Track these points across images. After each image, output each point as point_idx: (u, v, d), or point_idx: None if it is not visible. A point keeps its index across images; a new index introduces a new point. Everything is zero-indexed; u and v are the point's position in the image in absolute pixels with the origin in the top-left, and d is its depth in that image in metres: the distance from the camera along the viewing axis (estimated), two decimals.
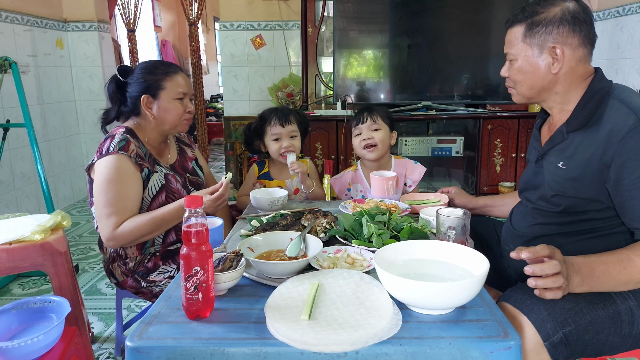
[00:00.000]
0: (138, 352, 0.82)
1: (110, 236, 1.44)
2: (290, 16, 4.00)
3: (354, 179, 1.92)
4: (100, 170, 1.45)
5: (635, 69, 3.10)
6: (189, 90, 1.60)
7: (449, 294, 0.86)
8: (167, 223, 1.49)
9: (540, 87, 1.20)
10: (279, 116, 1.82)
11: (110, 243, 1.46)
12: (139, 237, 1.46)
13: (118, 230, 1.43)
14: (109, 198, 1.43)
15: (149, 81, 1.54)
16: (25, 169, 3.42)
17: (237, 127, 4.05)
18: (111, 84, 1.59)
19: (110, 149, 1.46)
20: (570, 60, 1.15)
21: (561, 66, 1.15)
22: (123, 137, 1.49)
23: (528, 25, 1.17)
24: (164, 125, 1.58)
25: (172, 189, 1.58)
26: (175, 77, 1.56)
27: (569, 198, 1.17)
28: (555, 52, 1.14)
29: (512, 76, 1.25)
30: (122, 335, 1.80)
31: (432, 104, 3.49)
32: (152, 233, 1.49)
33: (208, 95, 7.77)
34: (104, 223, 1.44)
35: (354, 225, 1.29)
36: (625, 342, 1.07)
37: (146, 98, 1.53)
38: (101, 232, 1.46)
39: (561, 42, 1.14)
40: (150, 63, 1.59)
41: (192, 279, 0.88)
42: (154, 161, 1.57)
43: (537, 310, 1.01)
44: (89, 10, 3.98)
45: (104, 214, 1.44)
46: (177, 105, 1.56)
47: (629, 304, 1.06)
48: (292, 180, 1.89)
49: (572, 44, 1.14)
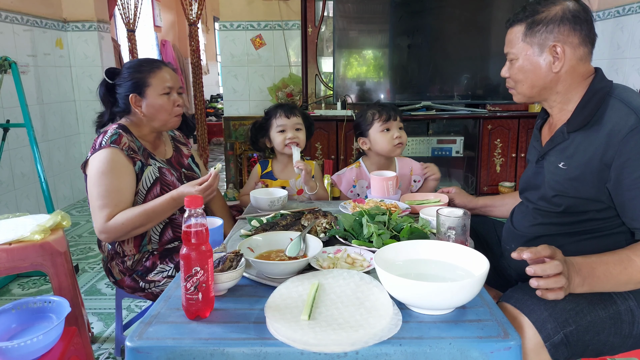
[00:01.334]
0: (138, 352, 0.82)
1: (102, 228, 1.45)
2: (290, 16, 4.00)
3: (359, 175, 1.92)
4: (93, 164, 1.47)
5: (635, 69, 3.10)
6: (175, 84, 1.61)
7: (449, 294, 0.86)
8: (158, 215, 1.49)
9: (541, 86, 1.20)
10: (284, 109, 1.86)
11: (102, 236, 1.47)
12: (130, 230, 1.47)
13: (110, 223, 1.44)
14: (101, 190, 1.44)
15: (135, 79, 1.55)
16: (25, 169, 3.42)
17: (237, 127, 4.04)
18: (101, 87, 1.61)
19: (103, 143, 1.48)
20: (571, 59, 1.15)
21: (562, 65, 1.15)
22: (115, 132, 1.51)
23: (529, 24, 1.17)
24: (154, 121, 1.59)
25: (167, 181, 1.58)
26: (160, 73, 1.58)
27: (569, 198, 1.17)
28: (556, 51, 1.14)
29: (513, 76, 1.25)
30: (122, 336, 1.80)
31: (432, 104, 3.49)
32: (144, 225, 1.49)
33: (208, 95, 7.77)
34: (97, 215, 1.45)
35: (354, 225, 1.29)
36: (626, 343, 1.07)
37: (134, 97, 1.55)
38: (94, 224, 1.47)
39: (562, 41, 1.14)
40: (135, 62, 1.62)
41: (192, 279, 0.88)
42: (148, 155, 1.58)
43: (538, 311, 1.01)
44: (88, 10, 3.98)
45: (96, 207, 1.45)
46: (164, 101, 1.57)
47: (629, 304, 1.06)
48: (296, 181, 1.90)
49: (573, 43, 1.14)
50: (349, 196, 1.90)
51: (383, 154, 1.86)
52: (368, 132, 1.85)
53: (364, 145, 1.89)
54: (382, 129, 1.82)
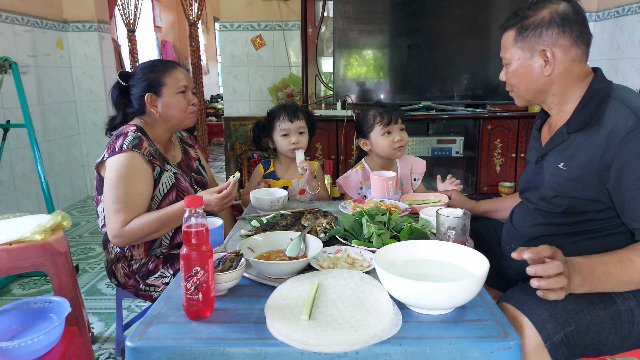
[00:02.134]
0: (138, 352, 0.82)
1: (117, 233, 1.44)
2: (290, 16, 4.00)
3: (364, 176, 1.90)
4: (111, 167, 1.46)
5: (635, 69, 3.10)
6: (190, 83, 1.62)
7: (449, 294, 0.86)
8: (172, 221, 1.49)
9: (536, 89, 1.22)
10: (288, 112, 1.84)
11: (117, 240, 1.46)
12: (145, 235, 1.47)
13: (126, 228, 1.43)
14: (119, 195, 1.43)
15: (150, 79, 1.56)
16: (26, 169, 3.42)
17: (237, 128, 4.05)
18: (114, 90, 1.61)
19: (124, 147, 1.46)
20: (564, 62, 1.16)
21: (553, 68, 1.16)
22: (136, 136, 1.50)
23: (518, 29, 1.19)
24: (170, 121, 1.59)
25: (182, 187, 1.59)
26: (174, 72, 1.59)
27: (569, 199, 1.17)
28: (546, 55, 1.15)
29: (508, 80, 1.27)
30: (122, 336, 1.80)
31: (432, 104, 3.49)
32: (159, 231, 1.49)
33: (208, 96, 7.77)
34: (112, 219, 1.44)
35: (354, 225, 1.29)
36: (626, 343, 1.07)
37: (149, 96, 1.55)
38: (108, 228, 1.46)
39: (551, 44, 1.15)
40: (149, 62, 1.62)
41: (192, 279, 0.88)
42: (163, 159, 1.59)
43: (538, 311, 1.01)
44: (89, 11, 3.98)
45: (112, 210, 1.44)
46: (179, 99, 1.58)
47: (629, 304, 1.06)
48: (299, 181, 1.90)
49: (564, 45, 1.14)
50: (356, 199, 1.90)
51: (384, 157, 1.86)
52: (369, 135, 1.84)
53: (365, 146, 1.88)
54: (383, 132, 1.80)
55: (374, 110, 1.85)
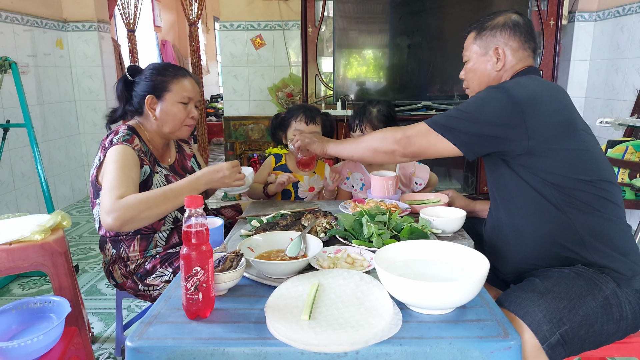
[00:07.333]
0: (138, 352, 0.82)
1: (111, 207, 1.31)
2: (290, 16, 4.00)
3: (353, 168, 1.95)
4: (107, 159, 1.44)
5: (635, 69, 3.10)
6: (195, 96, 1.59)
7: (449, 294, 0.86)
8: (175, 195, 1.40)
9: (486, 83, 1.39)
10: (306, 114, 1.86)
11: (111, 216, 1.31)
12: (144, 210, 1.34)
13: (121, 200, 1.32)
14: (114, 176, 1.37)
15: (156, 82, 1.53)
16: (25, 169, 3.42)
17: (237, 127, 4.05)
18: (120, 82, 1.59)
19: (114, 141, 1.45)
20: (511, 60, 1.35)
21: (503, 64, 1.35)
22: (127, 132, 1.49)
23: (478, 30, 1.39)
24: (164, 127, 1.57)
25: None
26: (183, 81, 1.56)
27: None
28: (498, 52, 1.35)
29: (466, 76, 1.45)
30: (122, 336, 1.80)
31: (432, 104, 3.49)
32: (159, 207, 1.37)
33: (208, 95, 7.77)
34: (106, 196, 1.35)
35: (354, 225, 1.29)
36: (620, 327, 1.09)
37: (150, 98, 1.53)
38: (102, 206, 1.36)
39: (503, 44, 1.34)
40: (161, 65, 1.59)
41: (192, 279, 0.88)
42: (154, 161, 1.57)
43: (532, 313, 1.03)
44: (88, 11, 3.98)
45: (106, 189, 1.36)
46: (180, 109, 1.55)
47: (612, 286, 1.10)
48: (310, 178, 1.93)
49: (513, 46, 1.34)
50: (343, 188, 1.95)
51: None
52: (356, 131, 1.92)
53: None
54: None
55: (360, 109, 1.93)
